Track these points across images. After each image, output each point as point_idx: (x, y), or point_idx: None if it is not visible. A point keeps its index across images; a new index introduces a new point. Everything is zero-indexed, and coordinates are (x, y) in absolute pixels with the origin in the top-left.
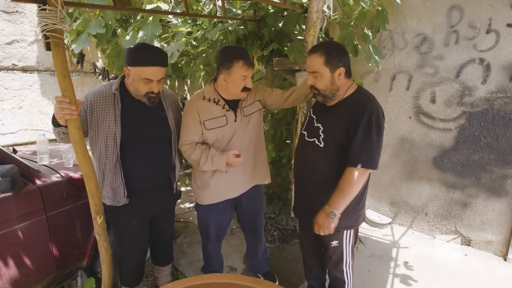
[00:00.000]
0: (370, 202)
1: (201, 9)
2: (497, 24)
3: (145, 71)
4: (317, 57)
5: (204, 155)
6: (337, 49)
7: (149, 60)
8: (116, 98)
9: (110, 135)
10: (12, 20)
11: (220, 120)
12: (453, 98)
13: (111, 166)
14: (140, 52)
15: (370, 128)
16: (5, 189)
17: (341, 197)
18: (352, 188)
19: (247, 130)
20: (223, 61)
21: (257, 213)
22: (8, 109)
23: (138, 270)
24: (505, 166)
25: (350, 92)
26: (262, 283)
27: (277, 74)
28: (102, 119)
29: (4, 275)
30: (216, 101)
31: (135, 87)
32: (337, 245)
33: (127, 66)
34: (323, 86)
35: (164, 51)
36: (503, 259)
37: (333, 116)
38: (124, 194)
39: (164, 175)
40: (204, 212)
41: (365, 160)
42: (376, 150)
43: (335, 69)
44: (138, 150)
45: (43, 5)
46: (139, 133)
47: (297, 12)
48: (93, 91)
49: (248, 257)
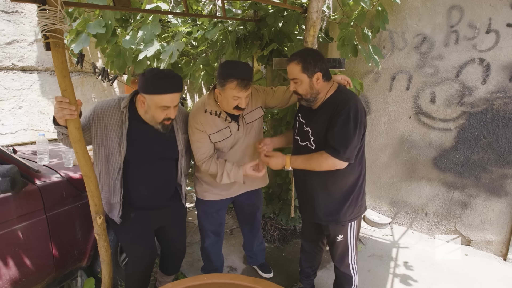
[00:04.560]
0: (370, 202)
1: (201, 9)
2: (497, 24)
3: (163, 98)
4: (294, 65)
5: (220, 171)
6: (313, 55)
7: (166, 88)
8: (124, 115)
9: (113, 153)
10: (12, 20)
11: (225, 132)
12: (453, 98)
13: (111, 182)
14: (157, 81)
15: (347, 122)
16: (5, 189)
17: (303, 165)
18: (315, 167)
19: (249, 136)
20: (219, 76)
21: (256, 207)
22: (8, 109)
23: (142, 278)
24: (505, 166)
25: (330, 93)
26: (262, 283)
27: (277, 74)
28: (106, 135)
29: (4, 275)
30: (218, 113)
31: (151, 115)
32: (342, 239)
33: (141, 93)
34: (304, 91)
35: (179, 75)
36: (503, 259)
37: (318, 118)
38: (119, 214)
39: (168, 194)
40: (203, 207)
41: (342, 153)
42: (351, 144)
43: (312, 74)
44: (141, 169)
45: (43, 5)
46: (145, 154)
47: (297, 12)
48: (102, 104)
49: (244, 249)
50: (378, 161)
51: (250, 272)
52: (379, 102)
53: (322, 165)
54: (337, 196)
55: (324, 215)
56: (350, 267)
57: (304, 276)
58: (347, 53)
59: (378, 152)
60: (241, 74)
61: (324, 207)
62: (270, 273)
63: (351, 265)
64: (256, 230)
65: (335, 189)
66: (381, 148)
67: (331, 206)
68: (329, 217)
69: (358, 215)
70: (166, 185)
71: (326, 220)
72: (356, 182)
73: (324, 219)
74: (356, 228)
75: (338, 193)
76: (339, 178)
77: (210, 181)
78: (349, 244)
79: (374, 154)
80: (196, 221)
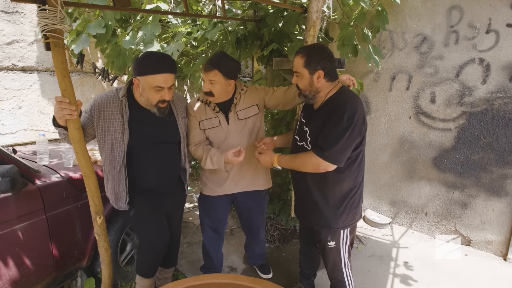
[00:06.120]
0: (370, 202)
1: (201, 9)
2: (496, 24)
3: (155, 78)
4: (298, 59)
5: (205, 155)
6: (319, 52)
7: (158, 68)
8: (124, 104)
9: (116, 142)
10: (12, 20)
11: (213, 121)
12: (453, 98)
13: (116, 171)
14: (148, 60)
15: (339, 123)
16: (5, 189)
17: (289, 164)
18: (299, 167)
19: (242, 134)
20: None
21: (252, 212)
22: (8, 109)
23: (153, 261)
24: (505, 166)
25: (332, 93)
26: (262, 283)
27: (277, 74)
28: (108, 125)
29: (4, 275)
30: (208, 102)
31: (146, 97)
32: (334, 246)
33: (136, 77)
34: (303, 86)
35: (171, 57)
36: (503, 259)
37: (317, 119)
38: (126, 201)
39: (174, 176)
40: (203, 202)
41: (328, 153)
42: (338, 145)
43: (313, 71)
44: (146, 154)
45: (43, 5)
46: (147, 139)
47: (297, 12)
48: (101, 96)
49: (245, 249)
50: (378, 161)
51: (250, 272)
52: (379, 102)
53: (306, 164)
54: (330, 202)
55: (317, 219)
56: (344, 273)
57: (304, 276)
58: (347, 53)
59: (378, 152)
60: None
61: (317, 211)
62: (269, 273)
63: (344, 272)
64: (254, 235)
65: (328, 194)
66: (381, 148)
67: (323, 211)
68: (321, 222)
69: (351, 223)
70: (171, 167)
71: (318, 225)
72: (351, 189)
73: (316, 224)
74: (349, 235)
75: (331, 199)
76: (333, 183)
77: (207, 176)
78: (341, 251)
79: (374, 154)
80: (196, 221)
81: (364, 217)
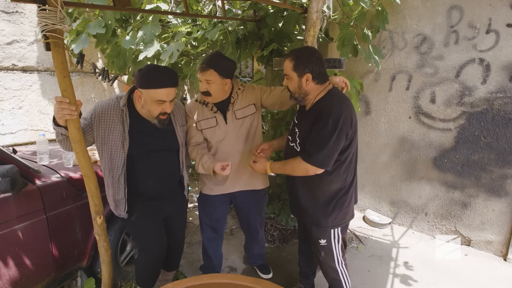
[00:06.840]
0: (370, 202)
1: (201, 9)
2: (496, 24)
3: (158, 92)
4: (288, 62)
5: (198, 159)
6: (307, 56)
7: (161, 82)
8: (125, 114)
9: (116, 151)
10: (12, 20)
11: (210, 121)
12: (453, 98)
13: (115, 180)
14: (152, 75)
15: (324, 128)
16: (5, 189)
17: (280, 170)
18: (291, 172)
19: (239, 133)
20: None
21: (251, 212)
22: (8, 109)
23: (152, 270)
24: (505, 166)
25: (320, 96)
26: (262, 283)
27: (277, 74)
28: (108, 133)
29: (4, 275)
30: (205, 103)
31: (147, 109)
32: (325, 244)
33: (138, 89)
34: (293, 89)
35: (174, 71)
36: (503, 259)
37: (306, 121)
38: (125, 209)
39: (173, 183)
40: (202, 201)
41: (314, 158)
42: (324, 149)
43: (302, 74)
44: (145, 163)
45: (43, 5)
46: (147, 148)
47: (297, 12)
48: (101, 104)
49: (245, 249)
50: (378, 161)
51: (250, 272)
52: (379, 102)
53: (296, 170)
54: (319, 201)
55: (307, 217)
56: (339, 272)
57: (304, 276)
58: (347, 53)
59: (378, 152)
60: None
61: (307, 209)
62: (269, 273)
63: (339, 270)
64: (253, 234)
65: (317, 192)
66: (381, 148)
67: (314, 210)
68: (311, 220)
69: (342, 223)
70: (171, 175)
71: (309, 222)
72: (339, 190)
73: (307, 221)
74: (340, 234)
75: (320, 197)
76: (321, 183)
77: (206, 175)
78: (333, 249)
79: (374, 154)
80: (196, 221)
81: (364, 217)
